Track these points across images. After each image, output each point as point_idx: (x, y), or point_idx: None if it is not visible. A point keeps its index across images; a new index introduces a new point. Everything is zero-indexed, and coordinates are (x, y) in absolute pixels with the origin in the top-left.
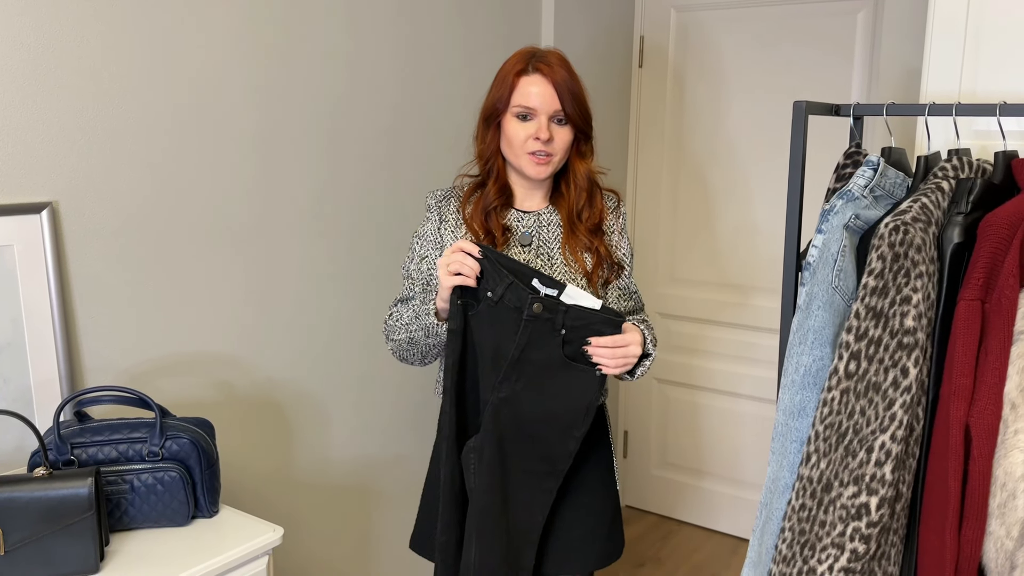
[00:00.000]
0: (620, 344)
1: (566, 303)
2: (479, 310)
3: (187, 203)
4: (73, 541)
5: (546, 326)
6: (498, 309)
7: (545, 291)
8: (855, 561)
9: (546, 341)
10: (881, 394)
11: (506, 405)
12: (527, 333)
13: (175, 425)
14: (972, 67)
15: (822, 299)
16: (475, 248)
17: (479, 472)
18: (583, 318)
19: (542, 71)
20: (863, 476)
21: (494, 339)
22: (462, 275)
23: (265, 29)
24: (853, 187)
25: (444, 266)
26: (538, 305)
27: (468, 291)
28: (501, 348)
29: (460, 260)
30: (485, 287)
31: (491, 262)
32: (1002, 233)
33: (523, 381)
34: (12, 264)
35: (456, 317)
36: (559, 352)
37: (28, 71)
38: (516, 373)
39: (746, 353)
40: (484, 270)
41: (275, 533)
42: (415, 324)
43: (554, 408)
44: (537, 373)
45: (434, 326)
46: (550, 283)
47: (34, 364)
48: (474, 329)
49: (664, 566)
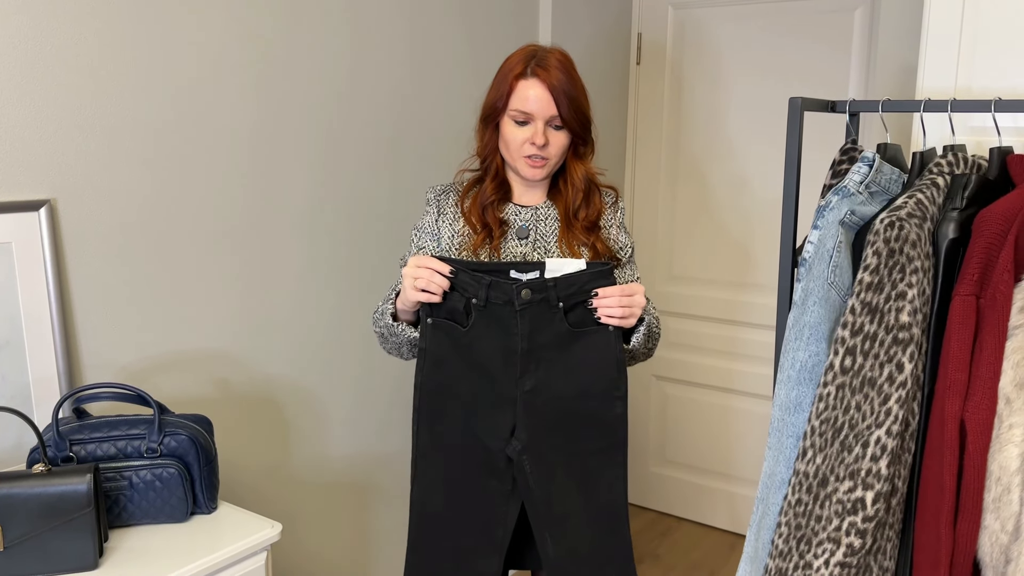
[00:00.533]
0: (627, 293)
1: (551, 279)
2: (472, 323)
3: (185, 201)
4: (72, 537)
5: (542, 307)
6: (489, 311)
7: (527, 277)
8: (851, 555)
9: (548, 321)
10: (877, 389)
11: (536, 396)
12: (526, 321)
13: (173, 422)
14: (968, 63)
15: (818, 295)
16: (445, 267)
17: (536, 469)
18: (573, 283)
19: (539, 76)
20: (859, 471)
21: (498, 340)
22: (428, 292)
23: (263, 27)
24: (849, 183)
25: (411, 278)
26: (526, 291)
27: (436, 307)
28: (507, 345)
29: (428, 277)
30: (467, 297)
31: (463, 272)
32: (997, 229)
33: (543, 367)
34: (10, 262)
35: (425, 336)
36: (565, 326)
37: (26, 69)
38: (533, 362)
39: (745, 350)
40: (459, 282)
41: (273, 529)
42: (382, 320)
43: (584, 379)
44: (553, 355)
45: (390, 326)
46: (528, 268)
47: (32, 362)
48: (473, 342)
49: (662, 562)
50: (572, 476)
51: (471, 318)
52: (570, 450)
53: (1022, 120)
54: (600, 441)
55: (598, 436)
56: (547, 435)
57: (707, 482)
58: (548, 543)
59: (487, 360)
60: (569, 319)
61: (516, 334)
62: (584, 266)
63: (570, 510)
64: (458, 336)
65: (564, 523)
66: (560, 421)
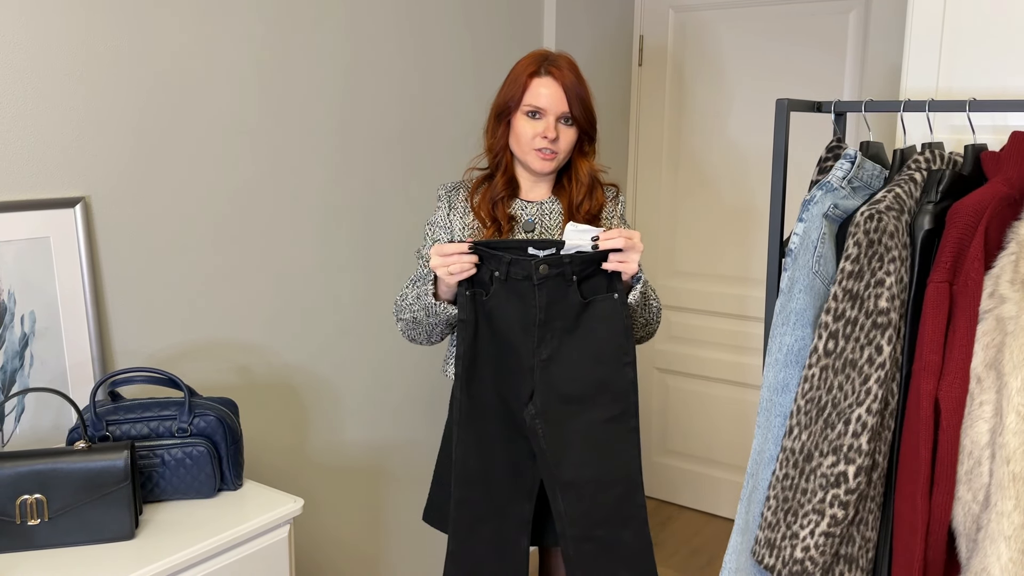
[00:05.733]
0: (625, 234)
1: (567, 255)
2: (493, 292)
3: (209, 198)
4: (110, 509)
5: (558, 281)
6: (509, 284)
7: (544, 253)
8: (835, 526)
9: (563, 294)
10: (857, 370)
11: (552, 364)
12: (544, 294)
13: (202, 404)
14: (949, 65)
15: (803, 283)
16: (463, 246)
17: (549, 433)
18: (587, 259)
19: (553, 74)
20: (841, 447)
21: (516, 312)
22: (465, 270)
23: (279, 31)
24: (832, 179)
25: (442, 268)
26: (544, 267)
27: (474, 280)
28: (526, 317)
29: (457, 260)
30: (491, 271)
31: (485, 250)
32: (968, 220)
33: (558, 336)
34: (48, 255)
35: (466, 308)
36: (578, 298)
37: (63, 76)
38: (548, 332)
39: (744, 342)
40: (483, 258)
41: (296, 504)
42: (417, 304)
43: (595, 347)
44: (566, 324)
45: (432, 305)
46: (544, 245)
47: (69, 348)
48: (494, 310)
49: (664, 548)
50: (588, 443)
51: (492, 287)
52: (586, 418)
53: (999, 118)
54: (613, 408)
55: (611, 403)
56: (562, 403)
57: (708, 471)
58: (560, 501)
59: (508, 329)
60: (583, 290)
61: (534, 306)
62: (596, 232)
63: (585, 476)
64: (483, 304)
65: (578, 486)
66: (574, 388)
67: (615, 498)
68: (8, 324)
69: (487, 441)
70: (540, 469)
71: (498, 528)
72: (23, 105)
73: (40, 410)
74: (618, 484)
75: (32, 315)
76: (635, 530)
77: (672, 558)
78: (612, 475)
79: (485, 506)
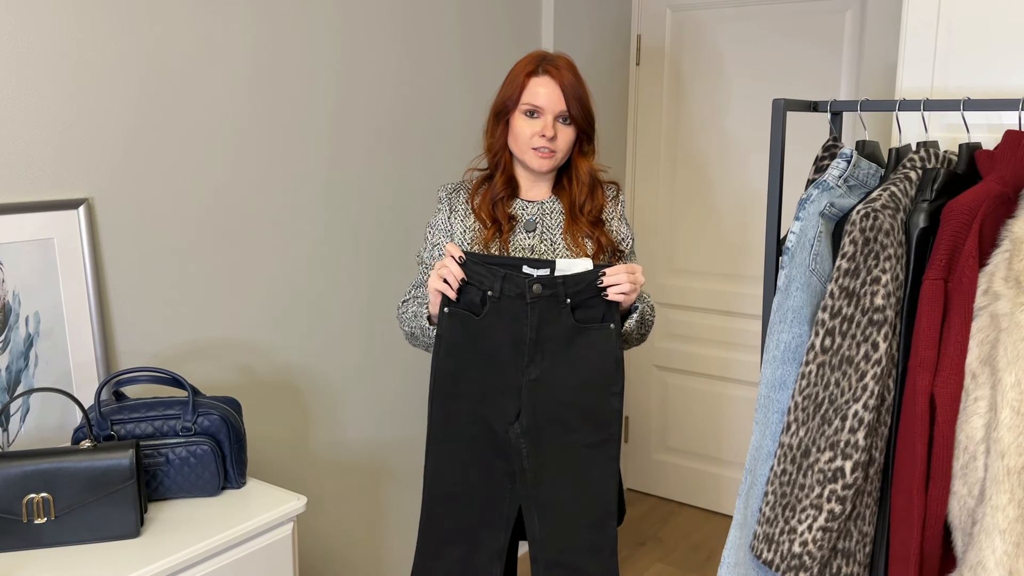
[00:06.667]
0: (631, 270)
1: (560, 276)
2: (486, 312)
3: (211, 199)
4: (115, 507)
5: (551, 302)
6: (502, 302)
7: (538, 273)
8: (832, 521)
9: (556, 315)
10: (854, 367)
11: (540, 385)
12: (536, 313)
13: (206, 403)
14: (944, 64)
15: (800, 281)
16: (458, 251)
17: (532, 453)
18: (581, 281)
19: (551, 73)
20: (838, 442)
21: (508, 330)
22: (447, 283)
23: (275, 30)
24: (828, 177)
25: (436, 276)
26: (537, 286)
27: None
28: (517, 335)
29: (446, 265)
30: (484, 288)
31: (480, 264)
32: (963, 218)
33: (548, 358)
34: (52, 256)
35: (443, 324)
36: (571, 321)
37: (69, 81)
38: (539, 353)
39: (743, 340)
40: (475, 275)
41: (299, 501)
42: (414, 322)
43: (585, 373)
44: (558, 347)
45: (426, 328)
46: (539, 264)
47: (73, 348)
48: (485, 330)
49: (664, 544)
50: (566, 467)
51: (485, 308)
52: (567, 441)
53: (993, 117)
54: (595, 435)
55: (594, 430)
56: (547, 423)
57: (707, 468)
58: (536, 523)
59: (497, 348)
60: (576, 315)
61: (526, 325)
62: (591, 266)
63: (561, 498)
64: (472, 324)
65: (553, 508)
66: (560, 411)
67: (587, 526)
68: (13, 325)
69: (461, 460)
70: (520, 489)
71: (468, 553)
72: (26, 107)
73: (45, 410)
74: (591, 512)
75: (37, 316)
76: (602, 562)
77: (672, 554)
78: (587, 502)
79: (456, 526)
